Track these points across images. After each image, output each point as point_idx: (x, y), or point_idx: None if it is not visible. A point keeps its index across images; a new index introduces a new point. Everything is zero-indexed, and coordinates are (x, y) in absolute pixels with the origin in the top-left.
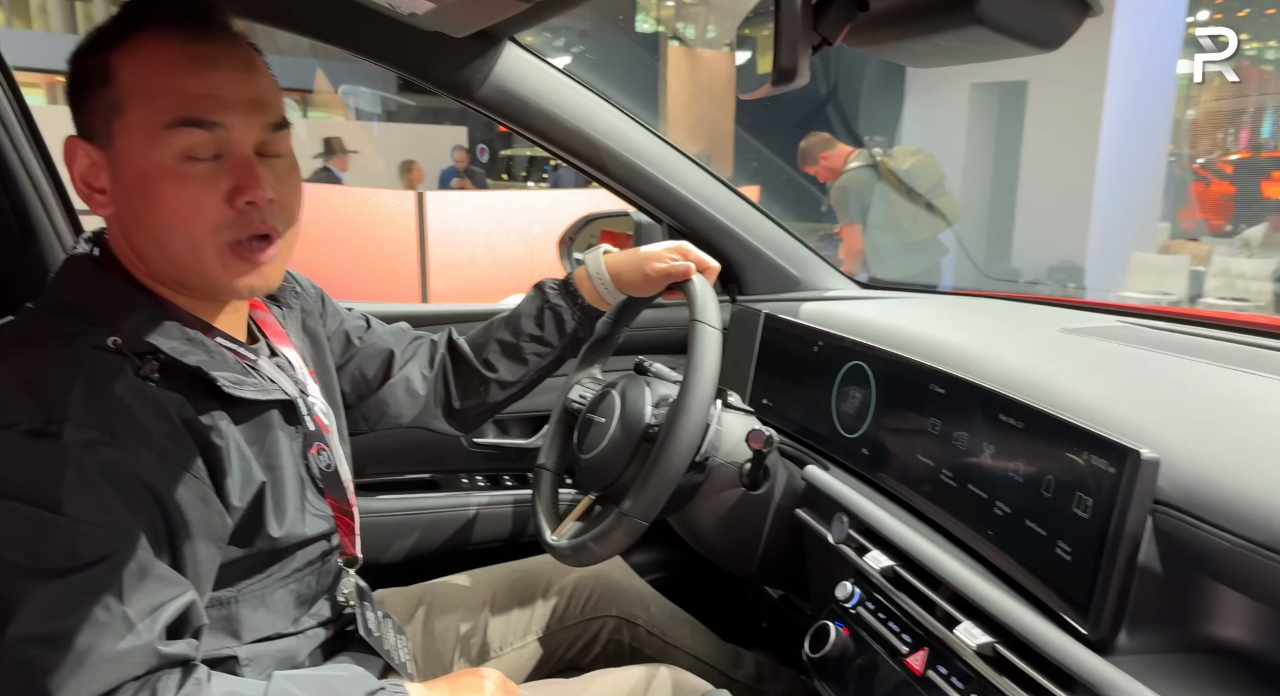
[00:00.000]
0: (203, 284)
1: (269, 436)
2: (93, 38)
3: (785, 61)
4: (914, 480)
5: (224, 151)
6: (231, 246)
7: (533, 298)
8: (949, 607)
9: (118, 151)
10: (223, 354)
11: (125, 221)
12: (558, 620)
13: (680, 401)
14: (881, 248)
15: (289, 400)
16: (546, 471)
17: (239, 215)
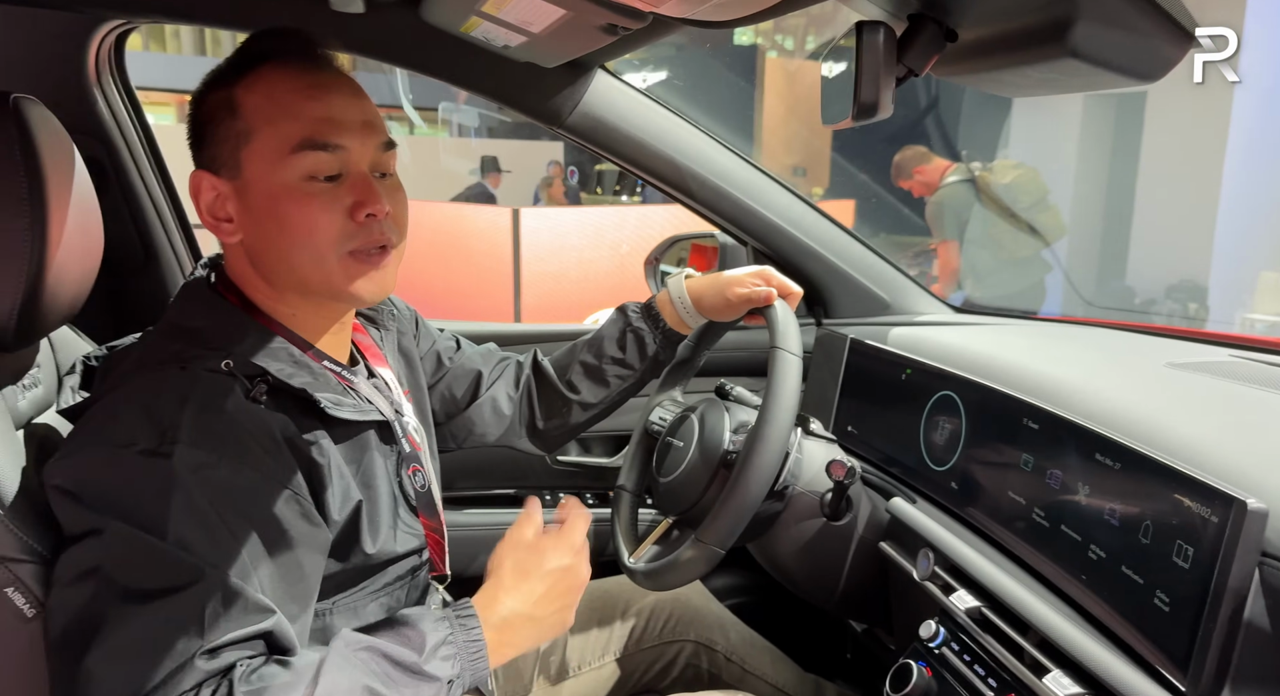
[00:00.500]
0: (326, 293)
1: (366, 456)
2: (214, 77)
3: (867, 96)
4: (1004, 517)
5: (343, 171)
6: (353, 255)
7: (615, 320)
8: (1038, 654)
9: (246, 179)
10: (326, 376)
11: (252, 244)
12: (635, 642)
13: (758, 429)
14: (979, 265)
15: (385, 421)
16: (626, 492)
17: (359, 228)
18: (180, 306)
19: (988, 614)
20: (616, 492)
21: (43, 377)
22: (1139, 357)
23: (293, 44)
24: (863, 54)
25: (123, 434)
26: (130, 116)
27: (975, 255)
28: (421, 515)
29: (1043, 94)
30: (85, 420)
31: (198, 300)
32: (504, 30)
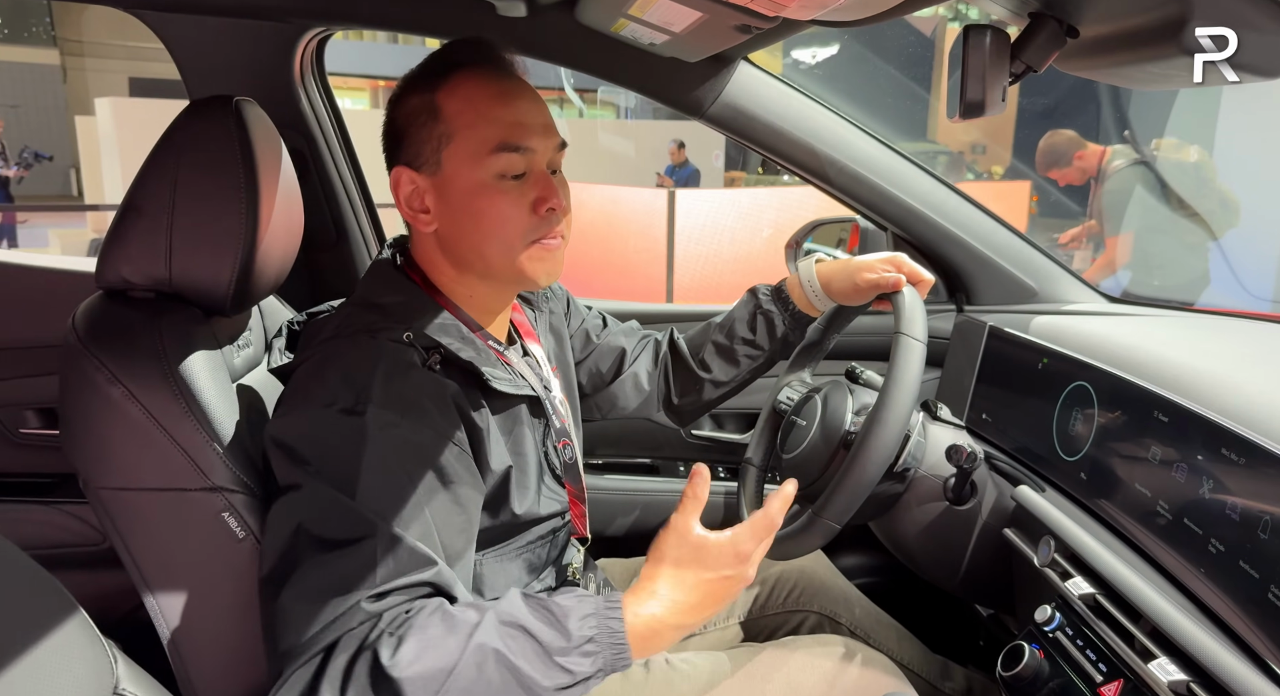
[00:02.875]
0: (509, 277)
1: (517, 428)
2: (412, 82)
3: (972, 95)
4: (1128, 508)
5: (527, 169)
6: (535, 244)
7: (746, 302)
8: (1147, 641)
9: (445, 176)
10: (488, 352)
11: (447, 233)
12: (759, 607)
13: (876, 412)
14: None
15: (535, 396)
16: (752, 467)
17: (541, 220)
18: (370, 283)
19: (1102, 600)
20: (743, 466)
21: (253, 340)
22: None
23: (483, 52)
24: (969, 56)
25: (326, 394)
26: (327, 111)
27: (1148, 244)
28: (567, 483)
29: (1167, 88)
30: (294, 381)
31: (386, 279)
32: (649, 30)
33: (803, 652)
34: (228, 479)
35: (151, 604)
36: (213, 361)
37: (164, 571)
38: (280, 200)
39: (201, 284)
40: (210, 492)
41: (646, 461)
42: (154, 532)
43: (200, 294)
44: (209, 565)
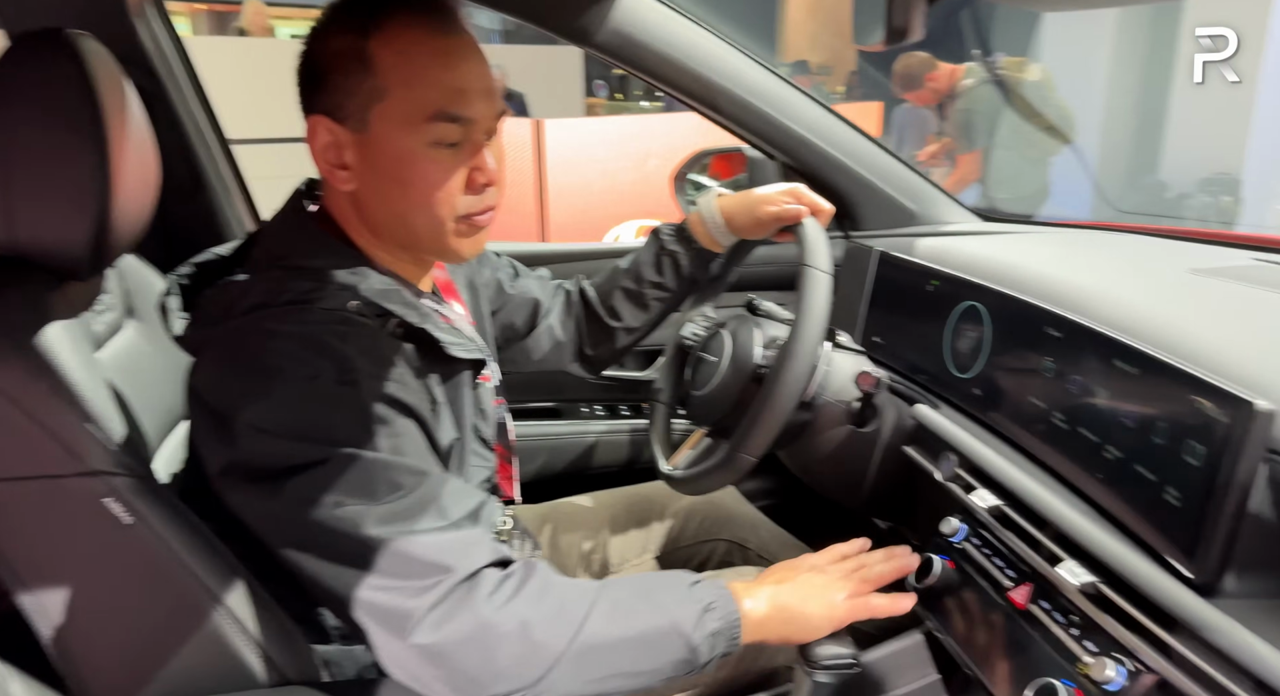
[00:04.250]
0: (433, 251)
1: (460, 393)
2: (339, 16)
3: (898, 21)
4: (1025, 421)
5: (464, 139)
6: (465, 220)
7: (650, 244)
8: (1053, 546)
9: (372, 136)
10: (431, 315)
11: (367, 197)
12: (673, 541)
13: (788, 346)
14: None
15: (482, 358)
16: (661, 403)
17: (474, 196)
18: (288, 240)
19: (1007, 511)
20: (652, 404)
21: (113, 303)
22: (1161, 265)
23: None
24: None
25: (305, 369)
26: (171, 43)
27: (1001, 159)
28: (499, 445)
29: (1080, 8)
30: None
31: (307, 236)
32: None
33: None
34: (107, 461)
35: (28, 602)
36: (72, 331)
37: (40, 567)
38: (132, 146)
39: (52, 245)
40: (87, 478)
41: (549, 405)
42: (24, 525)
43: (51, 256)
44: (93, 556)
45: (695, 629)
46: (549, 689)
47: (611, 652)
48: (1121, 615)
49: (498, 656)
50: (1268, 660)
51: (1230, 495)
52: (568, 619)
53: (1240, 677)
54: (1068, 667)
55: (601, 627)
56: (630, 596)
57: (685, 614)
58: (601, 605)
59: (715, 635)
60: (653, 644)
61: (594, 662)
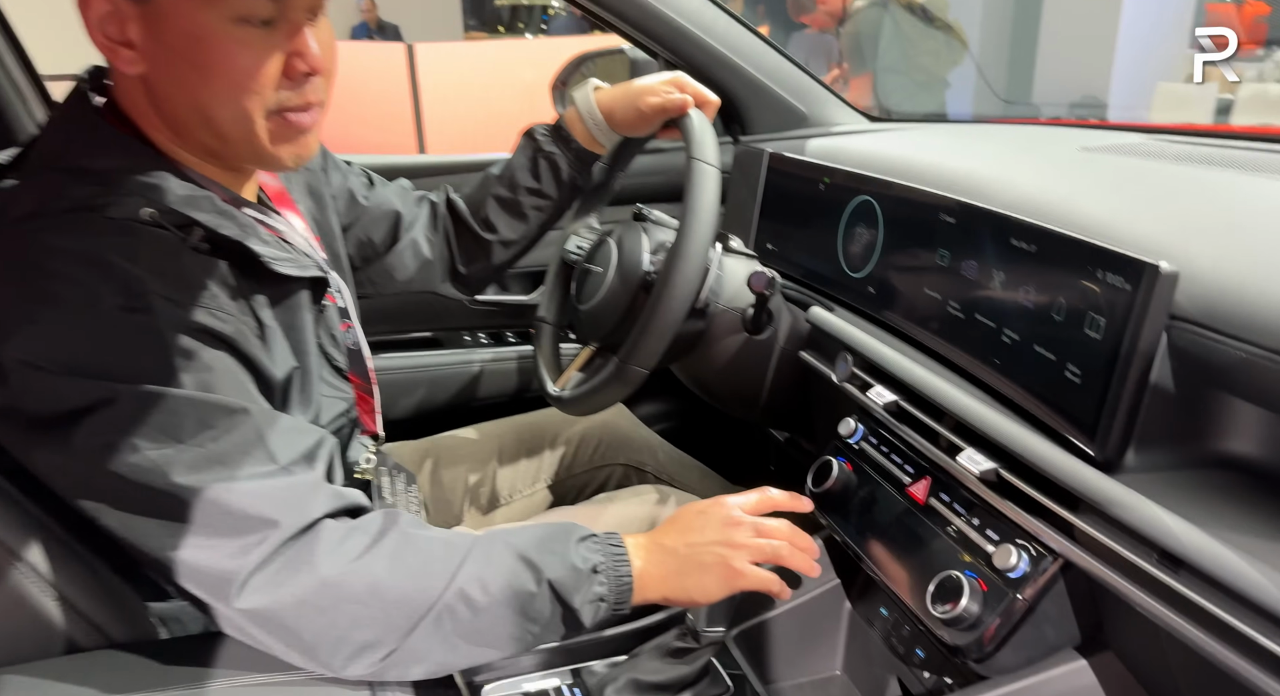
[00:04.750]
0: (245, 155)
1: (298, 317)
2: None
3: None
4: (920, 315)
5: (277, 16)
6: (281, 116)
7: (524, 147)
8: (952, 437)
9: (160, 6)
10: (252, 226)
11: (159, 83)
12: (566, 469)
13: (677, 246)
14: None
15: (322, 277)
16: (547, 324)
17: (292, 86)
18: (68, 138)
19: (904, 405)
20: (537, 325)
21: None
22: (1052, 146)
23: None
24: None
25: (82, 293)
26: None
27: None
28: (353, 375)
29: None
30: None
31: (92, 132)
32: None
33: (615, 506)
34: None
35: None
36: None
37: None
38: None
39: None
40: None
41: (427, 334)
42: None
43: None
44: None
45: (577, 593)
46: (408, 656)
47: (481, 616)
48: (1023, 500)
49: (342, 620)
50: (1174, 530)
51: (1134, 366)
52: (430, 578)
53: (1146, 550)
54: (970, 559)
55: (470, 589)
56: (506, 553)
57: (567, 576)
58: (471, 563)
59: (600, 600)
60: (527, 608)
61: (461, 627)
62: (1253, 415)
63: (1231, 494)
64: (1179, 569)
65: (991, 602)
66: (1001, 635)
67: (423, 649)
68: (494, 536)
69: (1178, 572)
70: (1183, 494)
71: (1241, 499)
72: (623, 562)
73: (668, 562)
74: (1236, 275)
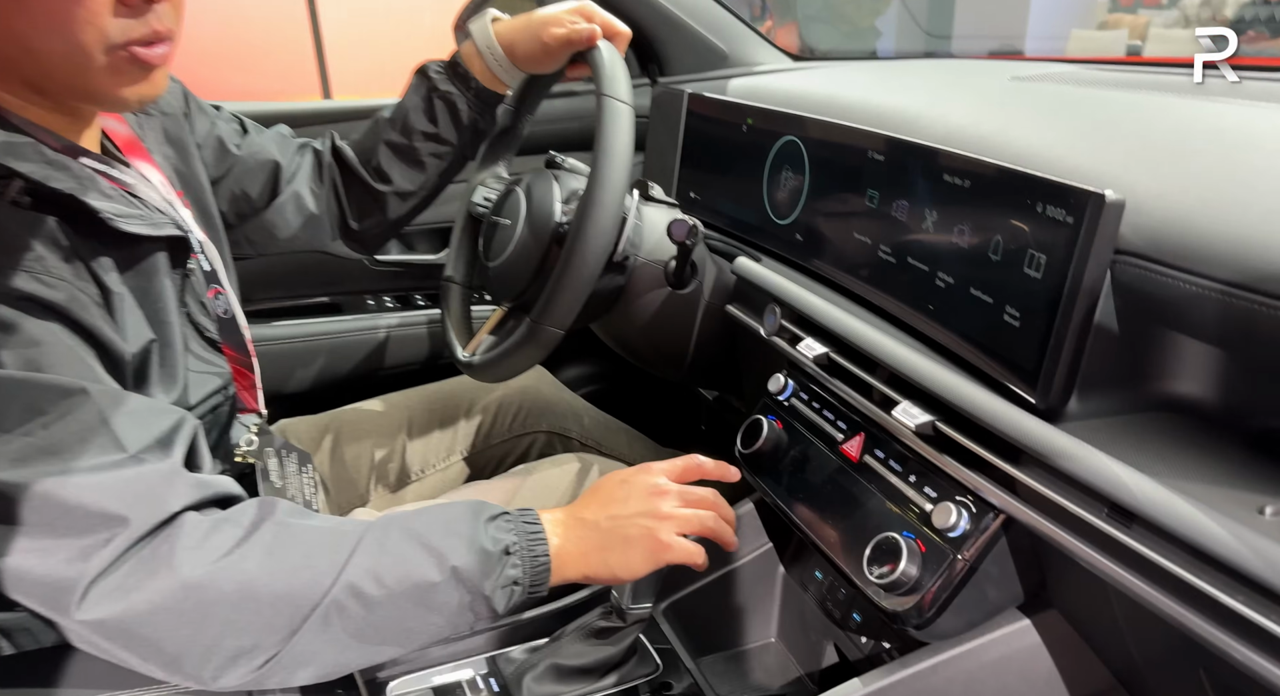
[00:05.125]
0: (80, 96)
1: (155, 283)
2: None
3: None
4: (851, 262)
5: None
6: (123, 51)
7: (417, 87)
8: (886, 389)
9: None
10: (91, 178)
11: None
12: (483, 439)
13: (590, 192)
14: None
15: (181, 236)
16: (454, 284)
17: (134, 15)
18: None
19: (835, 358)
20: (444, 286)
21: None
22: (982, 77)
23: None
24: None
25: None
26: None
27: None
28: (226, 347)
29: None
30: None
31: None
32: None
33: (536, 476)
34: None
35: None
36: None
37: None
38: None
39: None
40: None
41: (325, 300)
42: None
43: None
44: None
45: (487, 578)
46: (292, 660)
47: (376, 611)
48: (962, 454)
49: (210, 626)
50: (1125, 482)
51: (1078, 305)
52: (313, 573)
53: (1095, 504)
54: (907, 518)
55: (361, 582)
56: (403, 540)
57: (474, 561)
58: (362, 554)
59: (514, 584)
60: (429, 599)
61: (352, 624)
62: (1200, 353)
63: (1179, 438)
64: (1131, 523)
65: (931, 564)
66: (942, 598)
67: (309, 651)
68: (390, 521)
69: (1130, 527)
70: (1130, 441)
71: (1190, 443)
72: (539, 541)
73: (588, 538)
74: (1184, 204)
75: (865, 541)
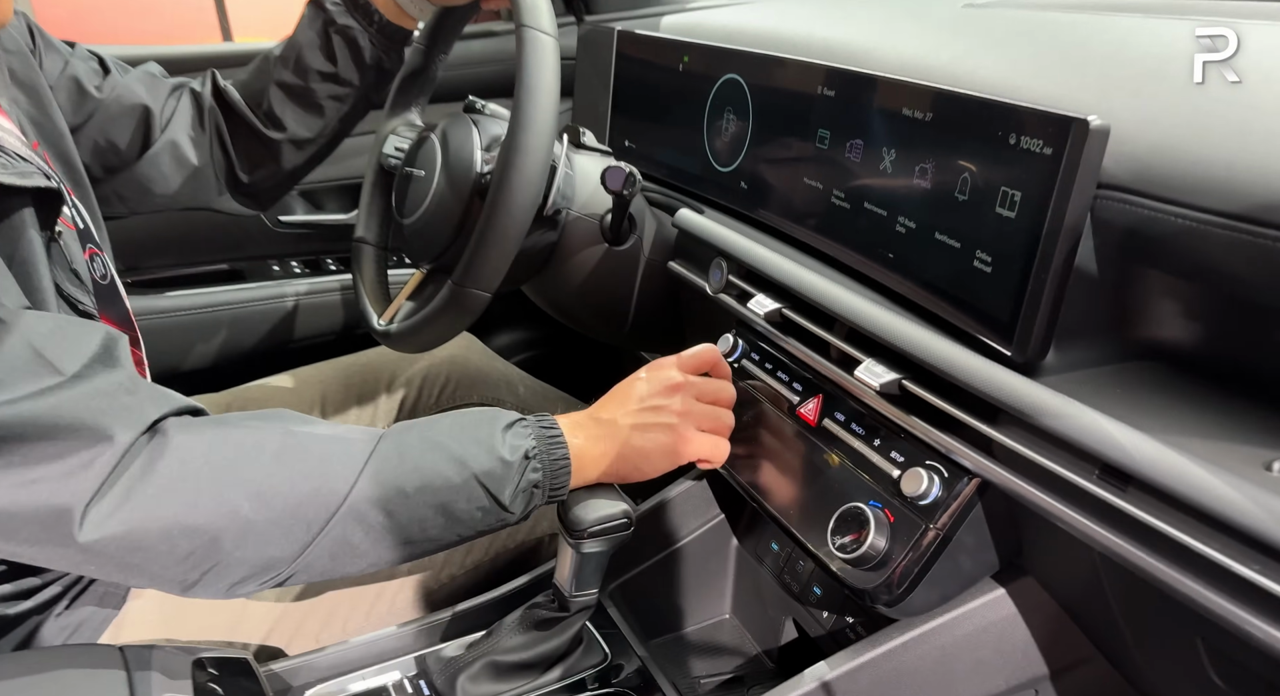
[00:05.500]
0: None
1: (22, 245)
2: None
3: None
4: (801, 210)
5: None
6: None
7: (312, 19)
8: (846, 346)
9: None
10: None
11: None
12: (407, 414)
13: (513, 136)
14: None
15: (52, 188)
16: (367, 246)
17: None
18: None
19: (788, 314)
20: (355, 248)
21: None
22: (932, 5)
23: None
24: None
25: None
26: None
27: None
28: (105, 316)
29: None
30: None
31: None
32: None
33: None
34: None
35: None
36: None
37: None
38: None
39: None
40: None
41: (224, 267)
42: None
43: None
44: None
45: (508, 483)
46: (307, 565)
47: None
48: (932, 415)
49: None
50: (1117, 438)
51: (1059, 246)
52: (331, 480)
53: (1082, 464)
54: (873, 486)
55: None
56: (421, 446)
57: (495, 467)
58: (379, 460)
59: (535, 488)
60: (451, 505)
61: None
62: (1191, 294)
63: (1169, 390)
64: (1126, 485)
65: (901, 536)
66: (914, 572)
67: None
68: (406, 427)
69: (1125, 490)
70: (1115, 394)
71: (1181, 395)
72: (558, 444)
73: (607, 437)
74: (1174, 130)
75: (828, 513)
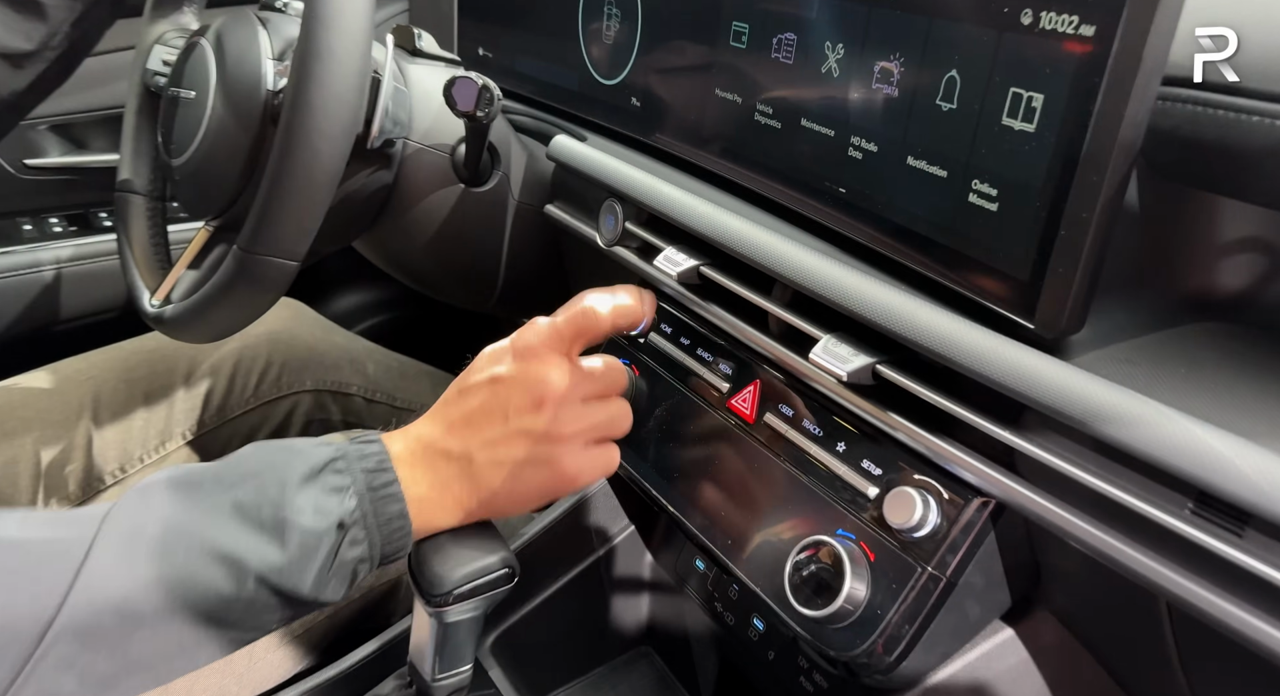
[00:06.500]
0: None
1: None
2: None
3: None
4: (713, 133)
5: None
6: None
7: None
8: (791, 318)
9: None
10: None
11: None
12: (215, 413)
13: (308, 37)
14: None
15: None
16: (135, 194)
17: None
18: None
19: (708, 273)
20: (119, 198)
21: None
22: None
23: None
24: None
25: None
26: None
27: None
28: None
29: None
30: None
31: None
32: None
33: None
34: None
35: None
36: None
37: None
38: None
39: None
40: None
41: None
42: None
43: None
44: None
45: (311, 568)
46: None
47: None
48: (920, 411)
49: None
50: (1224, 455)
51: (1111, 169)
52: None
53: (1163, 491)
54: (842, 509)
55: (96, 614)
56: (166, 540)
57: (291, 556)
58: (96, 574)
59: (360, 562)
60: (221, 620)
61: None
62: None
63: (1244, 365)
64: (1244, 526)
65: (886, 580)
66: (907, 634)
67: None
68: (146, 505)
69: (1242, 532)
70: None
71: (1265, 371)
72: (391, 498)
73: (461, 477)
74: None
75: (784, 548)
